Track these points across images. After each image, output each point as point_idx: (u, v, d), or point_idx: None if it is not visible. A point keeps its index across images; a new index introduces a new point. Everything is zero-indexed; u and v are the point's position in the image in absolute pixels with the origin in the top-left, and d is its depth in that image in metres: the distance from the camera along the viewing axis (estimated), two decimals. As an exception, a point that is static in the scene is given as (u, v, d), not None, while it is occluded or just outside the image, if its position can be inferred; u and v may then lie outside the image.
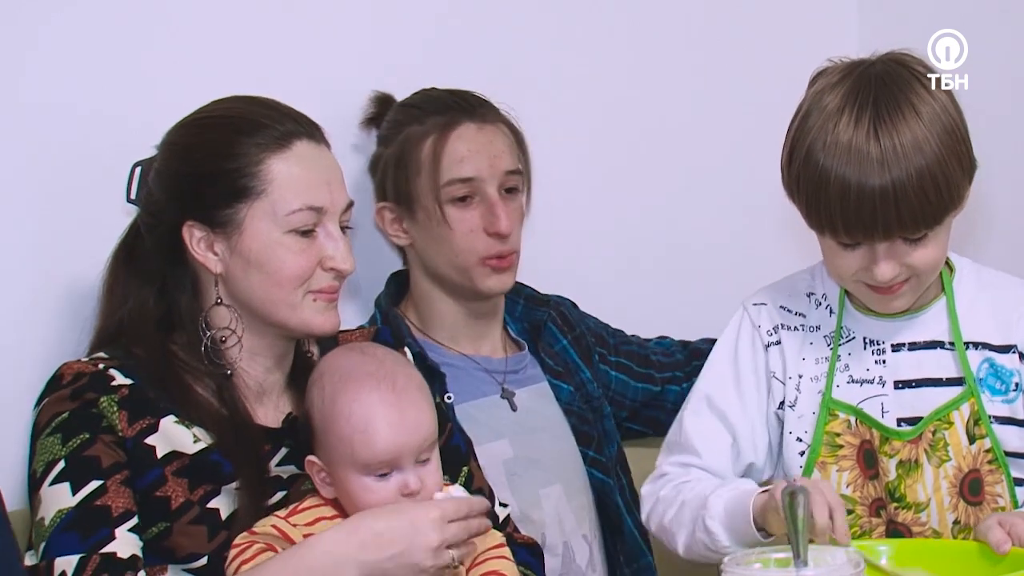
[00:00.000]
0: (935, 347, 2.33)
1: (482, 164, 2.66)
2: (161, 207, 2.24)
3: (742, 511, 2.19)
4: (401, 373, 2.16)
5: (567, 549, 2.69)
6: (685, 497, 2.31)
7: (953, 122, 2.20)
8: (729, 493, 2.24)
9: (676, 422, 2.43)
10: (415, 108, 2.71)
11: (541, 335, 2.81)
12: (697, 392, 2.42)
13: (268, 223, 2.20)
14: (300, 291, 2.22)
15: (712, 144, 3.27)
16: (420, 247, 2.71)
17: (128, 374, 2.20)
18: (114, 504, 2.13)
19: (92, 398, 2.16)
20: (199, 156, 2.22)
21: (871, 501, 2.32)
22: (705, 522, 2.24)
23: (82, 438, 2.14)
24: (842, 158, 2.15)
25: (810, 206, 2.21)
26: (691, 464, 2.37)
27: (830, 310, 2.38)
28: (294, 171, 2.21)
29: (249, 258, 2.21)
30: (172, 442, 2.17)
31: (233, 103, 2.28)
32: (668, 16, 3.25)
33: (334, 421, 2.11)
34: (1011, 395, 2.32)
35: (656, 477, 2.40)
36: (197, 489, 2.17)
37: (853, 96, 2.18)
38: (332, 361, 2.18)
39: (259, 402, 2.27)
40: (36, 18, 2.47)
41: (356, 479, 2.11)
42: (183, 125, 2.27)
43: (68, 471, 2.13)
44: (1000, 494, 2.31)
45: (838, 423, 2.32)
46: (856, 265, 2.23)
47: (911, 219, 2.16)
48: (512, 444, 2.70)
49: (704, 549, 2.27)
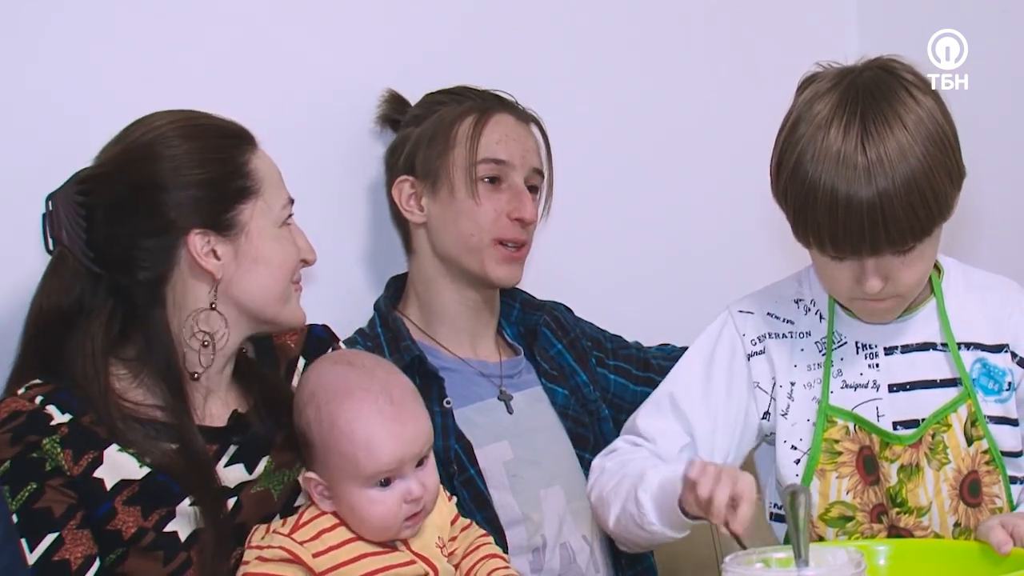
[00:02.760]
0: (928, 349, 2.33)
1: (515, 152, 2.71)
2: (158, 228, 2.19)
3: (672, 489, 2.18)
4: (394, 383, 2.18)
5: (566, 549, 2.69)
6: (627, 470, 2.31)
7: (940, 129, 2.18)
8: (668, 470, 2.24)
9: (634, 415, 2.43)
10: (451, 94, 2.75)
11: (536, 339, 2.82)
12: (662, 389, 2.42)
13: (267, 219, 2.23)
14: (289, 283, 2.26)
15: (712, 149, 3.27)
16: (435, 225, 2.72)
17: (64, 408, 2.15)
18: (72, 556, 2.11)
19: (34, 440, 2.12)
20: (193, 164, 2.21)
21: (872, 507, 2.31)
22: (637, 494, 2.24)
23: (30, 489, 2.11)
24: (830, 169, 2.15)
25: (798, 217, 2.20)
26: (643, 446, 2.37)
27: (820, 316, 2.37)
28: (269, 168, 2.26)
29: (257, 256, 2.22)
30: (119, 471, 2.15)
31: (182, 114, 2.24)
32: (667, 22, 3.25)
33: (336, 440, 2.13)
34: (1004, 394, 2.32)
35: (607, 452, 2.42)
36: (151, 515, 2.16)
37: (842, 107, 2.17)
38: (321, 377, 2.19)
39: (208, 401, 2.27)
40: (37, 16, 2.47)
41: (359, 492, 2.13)
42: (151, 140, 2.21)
43: (22, 526, 2.10)
44: (997, 494, 2.32)
45: (836, 429, 2.32)
46: (846, 278, 2.22)
47: (898, 234, 2.15)
48: (512, 446, 2.70)
49: (632, 523, 2.26)
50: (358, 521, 2.14)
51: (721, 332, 2.40)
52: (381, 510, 2.13)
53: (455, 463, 2.60)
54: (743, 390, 2.37)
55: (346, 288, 2.85)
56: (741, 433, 2.38)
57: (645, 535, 2.26)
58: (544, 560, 2.67)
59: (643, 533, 2.25)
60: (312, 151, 2.77)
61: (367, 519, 2.13)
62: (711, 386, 2.38)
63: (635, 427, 2.42)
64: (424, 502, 2.15)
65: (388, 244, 2.86)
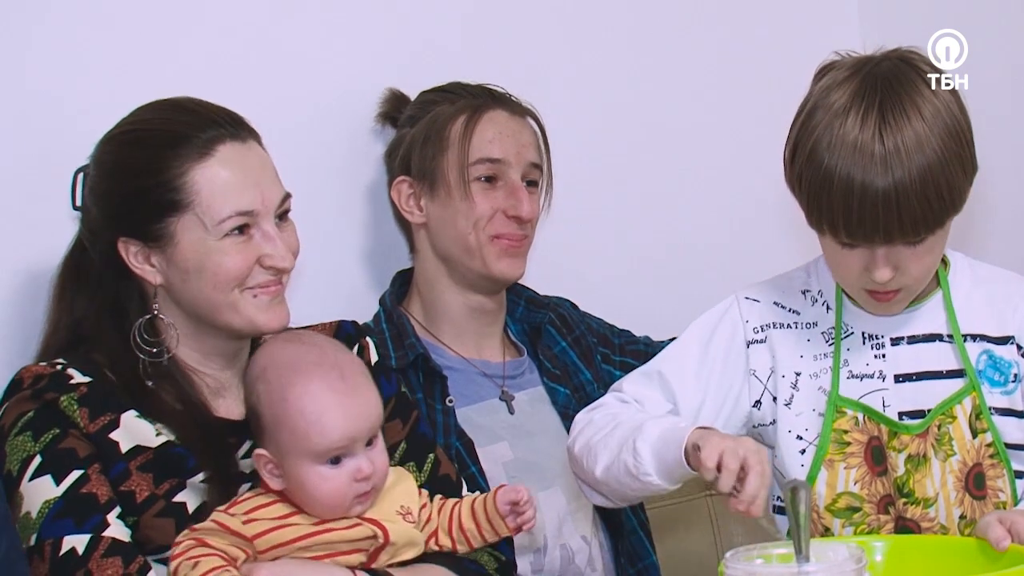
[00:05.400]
0: (934, 340, 2.34)
1: (510, 149, 2.70)
2: (96, 223, 2.26)
3: (676, 439, 2.15)
4: (345, 360, 2.18)
5: (566, 550, 2.69)
6: (621, 419, 2.28)
7: (956, 123, 2.20)
8: (668, 422, 2.22)
9: (622, 380, 2.40)
10: (447, 92, 2.75)
11: (540, 337, 2.82)
12: (655, 362, 2.39)
13: (200, 233, 2.21)
14: (237, 290, 2.23)
15: (716, 143, 3.28)
16: (434, 226, 2.73)
17: (86, 373, 2.20)
18: (99, 491, 2.14)
19: (53, 398, 2.17)
20: (123, 174, 2.23)
21: (879, 498, 2.32)
22: (635, 443, 2.20)
23: (53, 433, 2.15)
24: (847, 158, 2.15)
25: (812, 204, 2.21)
26: (630, 404, 2.35)
27: (827, 306, 2.38)
28: (220, 178, 2.21)
29: (186, 267, 2.22)
30: (135, 436, 2.18)
31: (155, 112, 2.27)
32: (668, 19, 3.26)
33: (286, 415, 2.12)
34: (1010, 386, 2.33)
35: (592, 407, 2.38)
36: (162, 484, 2.18)
37: (860, 95, 2.18)
38: (272, 353, 2.19)
39: (218, 398, 2.29)
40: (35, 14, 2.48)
41: (309, 468, 2.12)
42: (107, 141, 2.27)
43: (46, 464, 2.13)
44: (1002, 488, 2.32)
45: (845, 420, 2.32)
46: (857, 265, 2.23)
47: (911, 224, 2.16)
48: (512, 447, 2.71)
49: (624, 472, 2.21)
50: (308, 498, 2.13)
51: (724, 315, 2.39)
52: (330, 487, 2.12)
53: (456, 461, 2.61)
54: (738, 374, 2.36)
55: (347, 287, 2.85)
56: (728, 416, 2.36)
57: (638, 485, 2.21)
58: (544, 561, 2.67)
59: (635, 484, 2.21)
60: (312, 150, 2.77)
61: (317, 496, 2.13)
62: (704, 364, 2.36)
63: (620, 389, 2.39)
64: (374, 481, 2.15)
65: (388, 244, 2.86)
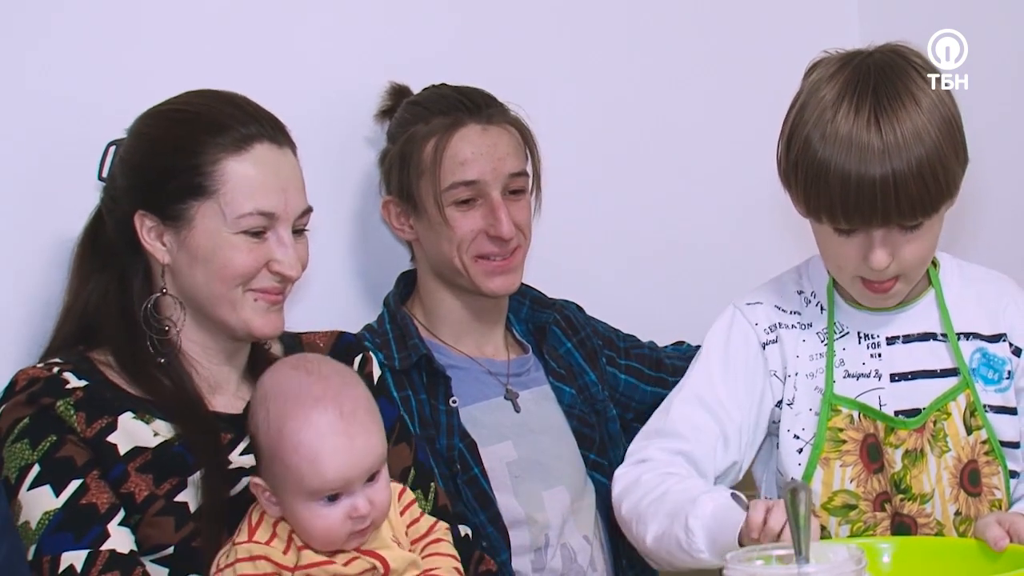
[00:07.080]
0: (928, 339, 2.35)
1: (485, 167, 2.66)
2: (120, 192, 2.27)
3: (732, 522, 2.13)
4: (348, 395, 2.10)
5: (567, 549, 2.69)
6: (670, 487, 2.25)
7: (950, 112, 2.21)
8: (722, 498, 2.19)
9: (661, 411, 2.39)
10: (421, 107, 2.71)
11: (545, 338, 2.82)
12: (685, 389, 2.38)
13: (218, 222, 2.22)
14: (240, 289, 2.24)
15: (716, 143, 3.28)
16: (424, 244, 2.72)
17: (82, 376, 2.20)
18: (99, 501, 2.13)
19: (48, 403, 2.16)
20: (159, 149, 2.25)
21: (875, 495, 2.32)
22: (688, 520, 2.17)
23: (51, 440, 2.14)
24: (842, 148, 2.16)
25: (808, 194, 2.21)
26: (678, 450, 2.32)
27: (820, 307, 2.38)
28: (249, 174, 2.22)
29: (196, 254, 2.23)
30: (133, 438, 2.18)
31: (202, 98, 2.29)
32: (668, 19, 3.26)
33: (281, 449, 2.06)
34: (1004, 383, 2.34)
35: (637, 461, 2.35)
36: (163, 484, 2.18)
37: (852, 86, 2.19)
38: (277, 380, 2.13)
39: (215, 393, 2.29)
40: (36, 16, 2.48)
41: (304, 506, 2.07)
42: (151, 115, 2.29)
43: (45, 474, 2.13)
44: (996, 486, 2.33)
45: (841, 418, 2.33)
46: (853, 254, 2.23)
47: (909, 208, 2.17)
48: (516, 446, 2.70)
49: (675, 546, 2.20)
50: (302, 531, 2.09)
51: (732, 325, 2.39)
52: (324, 524, 2.07)
53: (459, 462, 2.61)
54: (761, 379, 2.36)
55: (345, 289, 2.85)
56: (758, 422, 2.37)
57: (689, 560, 2.20)
58: (546, 560, 2.67)
59: (687, 558, 2.20)
60: (313, 149, 2.77)
61: (310, 532, 2.08)
62: (734, 382, 2.36)
63: (667, 420, 2.36)
64: (371, 518, 2.09)
65: (388, 243, 2.86)
